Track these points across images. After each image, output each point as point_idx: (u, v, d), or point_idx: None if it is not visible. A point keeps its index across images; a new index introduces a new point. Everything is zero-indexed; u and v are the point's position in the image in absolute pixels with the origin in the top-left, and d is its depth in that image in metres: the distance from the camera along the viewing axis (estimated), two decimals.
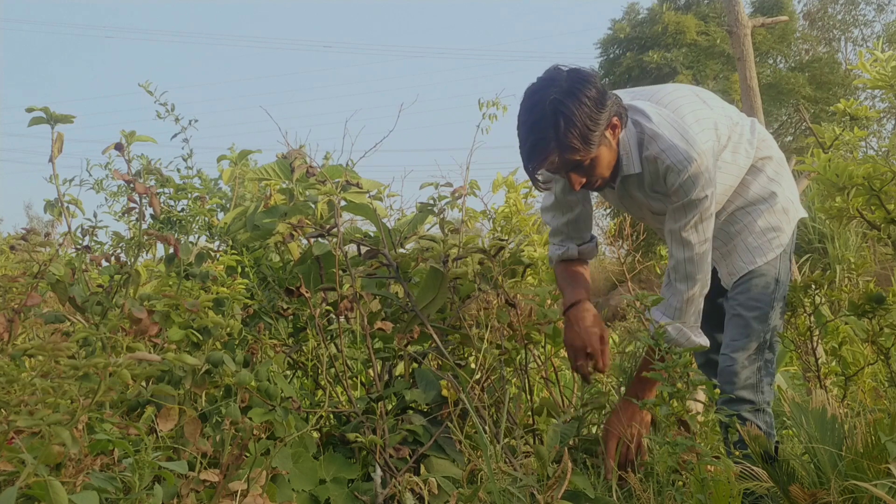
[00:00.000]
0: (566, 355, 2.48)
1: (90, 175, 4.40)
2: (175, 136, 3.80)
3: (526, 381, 2.63)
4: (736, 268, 2.31)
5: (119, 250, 2.43)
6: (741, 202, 2.33)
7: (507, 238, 2.69)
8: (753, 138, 2.32)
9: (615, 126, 2.12)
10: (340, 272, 2.45)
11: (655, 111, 2.19)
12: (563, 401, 2.77)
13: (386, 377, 2.61)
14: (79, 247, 2.43)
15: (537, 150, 2.07)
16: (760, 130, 2.37)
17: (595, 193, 2.45)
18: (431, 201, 2.86)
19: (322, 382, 2.49)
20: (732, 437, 2.11)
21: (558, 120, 2.02)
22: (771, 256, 2.31)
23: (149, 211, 2.27)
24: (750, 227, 2.32)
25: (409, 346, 2.57)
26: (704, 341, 2.29)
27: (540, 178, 2.25)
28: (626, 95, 2.29)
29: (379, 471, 2.15)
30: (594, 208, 2.76)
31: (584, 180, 2.16)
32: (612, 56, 23.55)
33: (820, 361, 2.99)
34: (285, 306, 2.57)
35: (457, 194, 2.82)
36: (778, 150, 2.41)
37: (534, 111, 2.07)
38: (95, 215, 2.48)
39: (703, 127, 2.18)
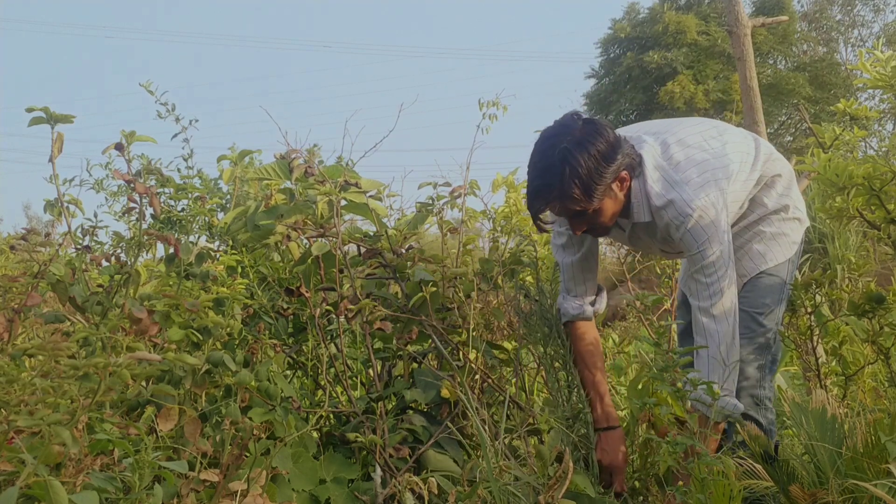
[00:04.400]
0: None
1: (90, 175, 4.42)
2: (175, 136, 3.81)
3: (525, 380, 2.63)
4: (746, 269, 2.34)
5: (119, 250, 2.43)
6: (754, 217, 2.36)
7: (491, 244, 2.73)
8: (757, 161, 2.33)
9: (624, 179, 2.16)
10: (340, 272, 2.45)
11: (655, 164, 2.20)
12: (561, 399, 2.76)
13: (386, 377, 2.61)
14: (79, 247, 2.43)
15: (540, 194, 2.15)
16: (765, 150, 2.38)
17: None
18: (430, 201, 2.85)
19: (322, 382, 2.49)
20: (737, 436, 2.12)
21: (564, 169, 2.08)
22: (781, 259, 2.34)
23: (149, 211, 2.27)
24: (760, 234, 2.36)
25: (408, 346, 2.57)
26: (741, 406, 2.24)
27: (542, 218, 2.27)
28: (640, 129, 2.31)
29: (379, 471, 2.15)
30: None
31: (584, 227, 2.22)
32: (612, 56, 23.55)
33: (820, 361, 2.99)
34: (285, 306, 2.57)
35: (455, 193, 2.82)
36: (786, 165, 2.42)
37: (544, 157, 2.13)
38: (95, 215, 2.47)
39: (705, 181, 2.18)
